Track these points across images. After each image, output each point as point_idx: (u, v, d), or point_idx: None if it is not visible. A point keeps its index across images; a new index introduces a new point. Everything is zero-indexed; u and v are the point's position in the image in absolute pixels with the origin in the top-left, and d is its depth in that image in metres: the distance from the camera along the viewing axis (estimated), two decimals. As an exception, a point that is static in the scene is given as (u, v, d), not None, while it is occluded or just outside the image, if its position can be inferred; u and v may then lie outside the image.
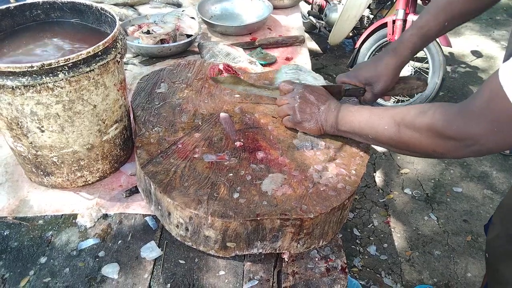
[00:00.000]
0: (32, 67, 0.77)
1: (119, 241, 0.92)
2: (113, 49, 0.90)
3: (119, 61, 0.93)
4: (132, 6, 1.95)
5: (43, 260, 0.88)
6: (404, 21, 2.79)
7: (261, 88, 1.14)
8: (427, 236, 2.25)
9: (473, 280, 2.03)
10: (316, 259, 0.89)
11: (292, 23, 1.95)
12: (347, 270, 0.87)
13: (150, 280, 0.84)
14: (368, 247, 2.17)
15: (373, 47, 3.02)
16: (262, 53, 1.61)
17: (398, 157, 2.79)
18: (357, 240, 2.21)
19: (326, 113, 0.98)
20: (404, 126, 0.81)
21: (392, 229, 2.28)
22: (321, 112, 0.99)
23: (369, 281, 2.00)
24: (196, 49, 1.63)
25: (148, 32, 1.58)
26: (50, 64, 0.79)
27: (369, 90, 1.10)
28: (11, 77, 0.78)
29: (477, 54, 4.09)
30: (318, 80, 1.21)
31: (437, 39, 2.73)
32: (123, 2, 1.90)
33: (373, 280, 2.01)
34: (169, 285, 0.83)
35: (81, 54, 0.82)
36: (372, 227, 2.29)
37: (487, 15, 4.88)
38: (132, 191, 1.02)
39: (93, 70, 0.85)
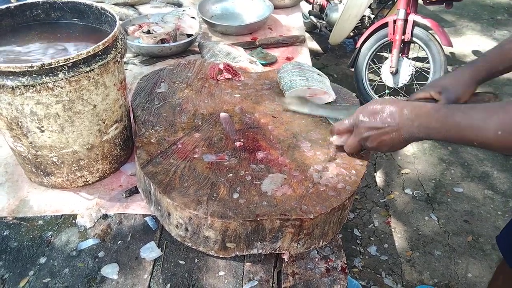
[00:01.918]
0: (32, 67, 0.77)
1: (119, 242, 0.92)
2: (113, 49, 0.90)
3: (119, 61, 0.93)
4: (132, 5, 1.95)
5: (42, 260, 0.87)
6: (405, 21, 2.78)
7: (329, 109, 1.10)
8: (428, 237, 2.24)
9: (473, 280, 2.03)
10: (316, 259, 0.89)
11: (293, 22, 1.95)
12: (347, 271, 0.87)
13: (150, 281, 0.84)
14: (368, 248, 2.16)
15: (374, 47, 3.02)
16: (263, 52, 1.61)
17: (399, 157, 2.79)
18: (357, 241, 2.20)
19: (403, 118, 0.81)
20: None
21: (393, 230, 2.28)
22: (398, 117, 0.82)
23: (370, 281, 2.00)
24: (197, 49, 1.63)
25: (148, 32, 1.58)
26: (50, 64, 0.79)
27: (443, 98, 1.04)
28: (11, 77, 0.78)
29: (478, 54, 4.08)
30: (323, 77, 1.21)
31: (438, 39, 2.73)
32: (123, 1, 1.90)
33: (373, 280, 2.01)
34: (168, 285, 0.83)
35: (81, 54, 0.82)
36: (373, 227, 2.28)
37: (488, 15, 4.87)
38: (132, 191, 1.02)
39: (93, 70, 0.85)
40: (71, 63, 0.81)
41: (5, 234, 0.93)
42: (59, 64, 0.80)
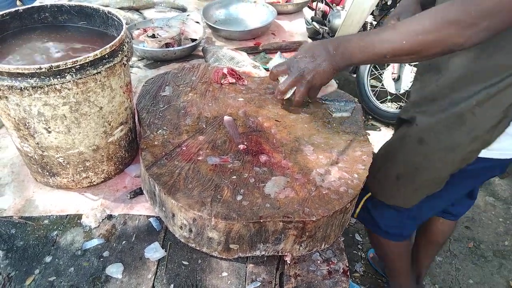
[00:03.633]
0: (40, 68, 0.79)
1: (123, 242, 0.93)
2: (120, 52, 0.91)
3: (126, 64, 0.95)
4: (137, 10, 1.97)
5: (48, 259, 0.88)
6: (407, 27, 2.80)
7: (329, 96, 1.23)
8: (429, 242, 2.24)
9: (475, 287, 2.03)
10: (318, 261, 0.90)
11: (296, 28, 1.97)
12: (348, 273, 0.88)
13: (154, 281, 0.85)
14: (370, 253, 2.16)
15: (376, 53, 3.03)
16: (266, 57, 1.62)
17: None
18: (358, 246, 2.20)
19: (328, 51, 0.97)
20: (423, 32, 0.84)
21: (394, 235, 2.28)
22: (324, 51, 0.98)
23: (371, 286, 2.00)
24: (201, 53, 1.65)
25: (153, 36, 1.60)
26: (58, 66, 0.80)
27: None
28: (19, 78, 0.79)
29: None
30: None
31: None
32: (128, 6, 1.93)
33: (374, 285, 2.01)
34: (172, 285, 0.84)
35: (88, 57, 0.83)
36: (374, 232, 2.28)
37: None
38: (137, 193, 1.03)
39: (100, 72, 0.87)
40: (78, 66, 0.83)
41: (11, 233, 0.94)
42: (67, 66, 0.81)
